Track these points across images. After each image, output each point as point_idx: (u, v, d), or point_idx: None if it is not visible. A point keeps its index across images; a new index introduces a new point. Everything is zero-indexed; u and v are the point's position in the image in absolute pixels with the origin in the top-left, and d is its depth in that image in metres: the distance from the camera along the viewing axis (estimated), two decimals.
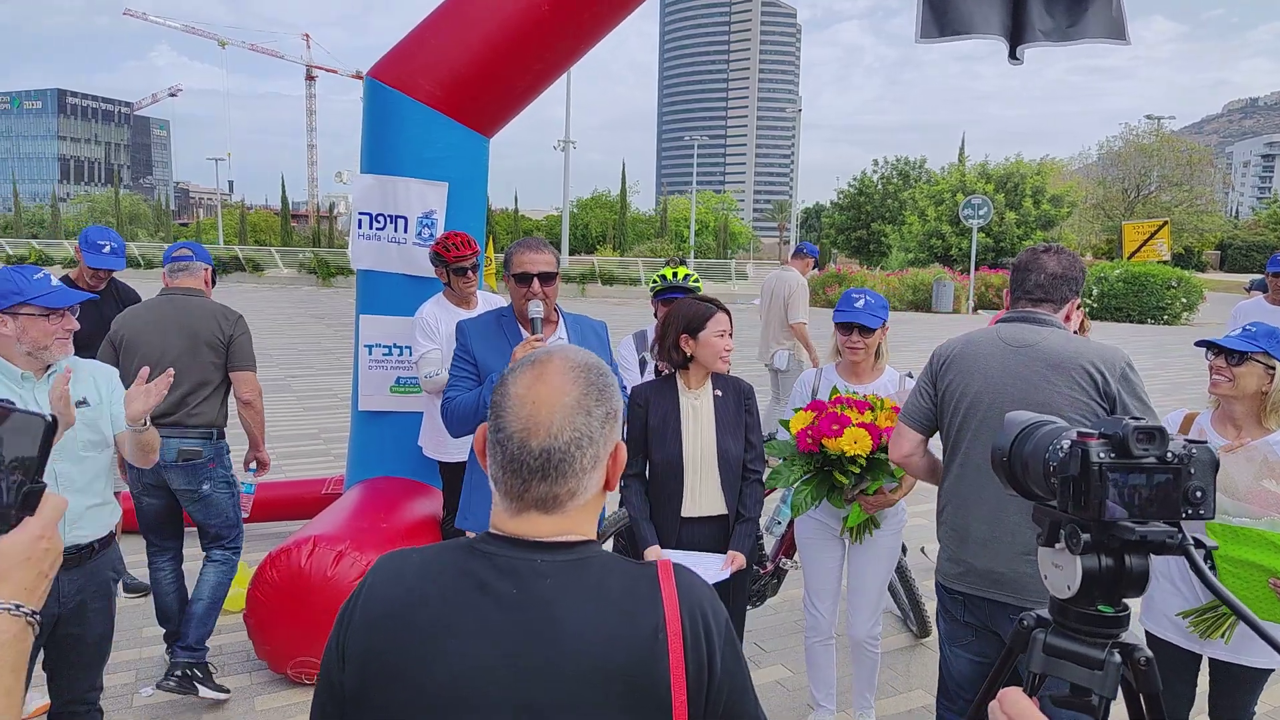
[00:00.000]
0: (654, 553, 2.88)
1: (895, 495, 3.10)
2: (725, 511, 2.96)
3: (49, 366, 2.58)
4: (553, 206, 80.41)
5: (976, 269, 28.19)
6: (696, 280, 3.96)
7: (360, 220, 4.54)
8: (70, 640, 2.67)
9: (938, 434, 2.63)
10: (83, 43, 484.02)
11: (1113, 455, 1.06)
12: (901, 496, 3.14)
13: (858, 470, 2.93)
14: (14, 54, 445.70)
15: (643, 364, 4.01)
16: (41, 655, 2.69)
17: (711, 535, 2.97)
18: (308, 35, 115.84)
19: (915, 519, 6.32)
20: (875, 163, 53.79)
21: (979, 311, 26.62)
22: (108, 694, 3.32)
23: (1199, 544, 1.07)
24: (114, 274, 4.52)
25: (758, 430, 3.05)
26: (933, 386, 2.57)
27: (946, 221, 40.27)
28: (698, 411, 2.98)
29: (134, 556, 4.83)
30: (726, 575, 2.82)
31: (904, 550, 4.00)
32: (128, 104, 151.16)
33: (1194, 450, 1.07)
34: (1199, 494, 1.06)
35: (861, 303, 3.24)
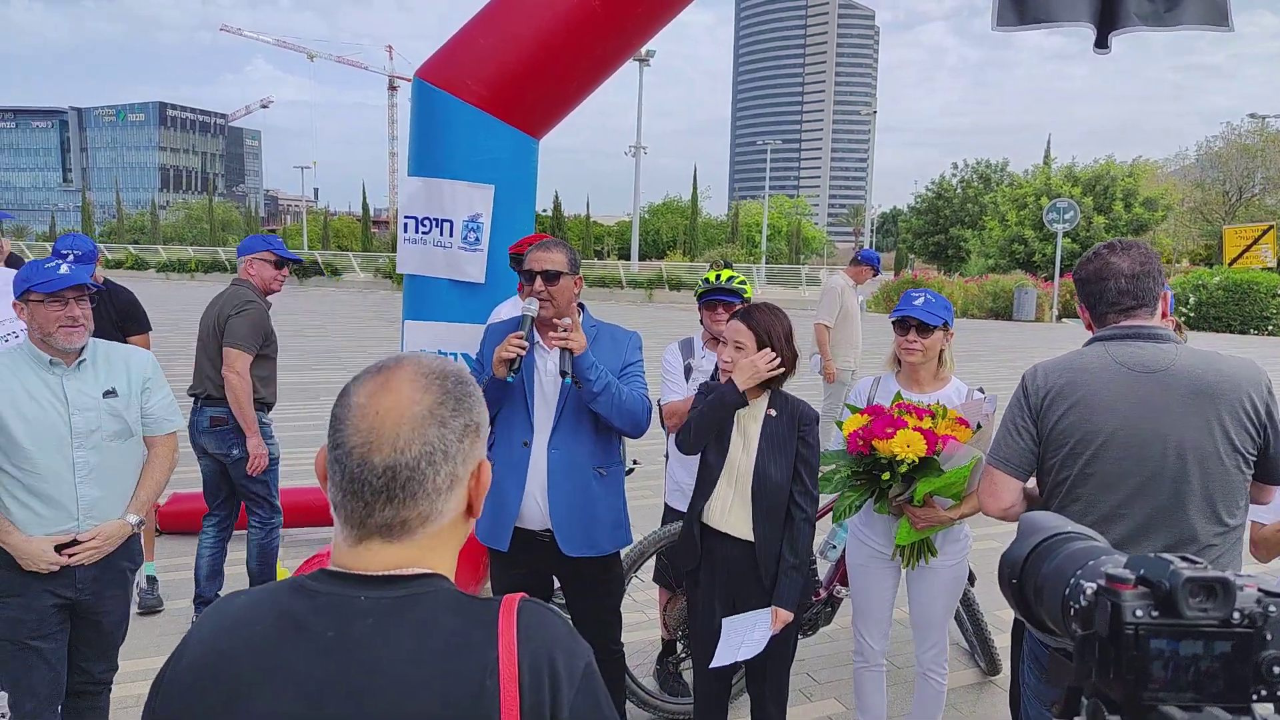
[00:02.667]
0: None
1: (951, 514, 2.83)
2: (751, 539, 2.75)
3: (81, 355, 2.61)
4: (624, 212, 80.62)
5: (1061, 275, 27.08)
6: (743, 282, 3.73)
7: (406, 224, 4.46)
8: (88, 624, 2.72)
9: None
10: (185, 58, 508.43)
11: (1156, 614, 0.77)
12: (960, 517, 2.86)
13: (905, 470, 2.68)
14: (123, 70, 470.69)
15: (688, 371, 3.80)
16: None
17: (736, 559, 2.78)
18: (390, 47, 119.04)
19: (983, 541, 5.95)
20: (954, 166, 52.41)
21: (1063, 320, 25.54)
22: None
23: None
24: (104, 278, 4.51)
25: (812, 464, 2.78)
26: (1034, 424, 2.19)
27: (1029, 226, 38.85)
28: (745, 428, 2.80)
29: (169, 560, 4.85)
30: (767, 640, 2.64)
31: (971, 580, 3.70)
32: (223, 115, 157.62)
33: (1273, 608, 0.76)
34: (1278, 669, 0.76)
35: (920, 300, 2.98)
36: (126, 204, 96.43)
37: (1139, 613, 0.76)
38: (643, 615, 4.61)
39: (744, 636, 2.70)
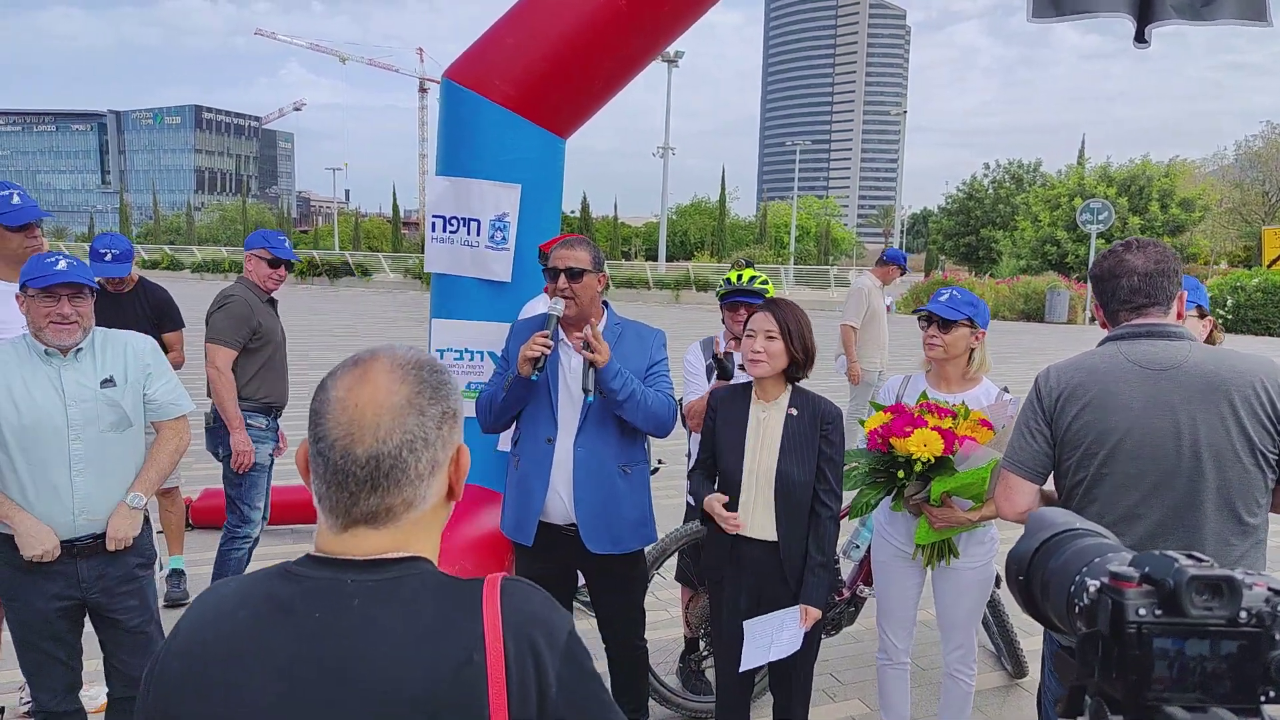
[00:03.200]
0: (714, 501, 2.78)
1: (970, 515, 2.80)
2: (776, 539, 2.75)
3: (79, 347, 2.62)
4: (652, 213, 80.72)
5: None
6: (765, 282, 3.72)
7: (434, 223, 4.50)
8: (107, 624, 2.73)
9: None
10: (221, 62, 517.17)
11: (1159, 613, 0.75)
12: (980, 520, 2.84)
13: (920, 470, 2.67)
14: (159, 73, 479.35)
15: (709, 371, 3.81)
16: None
17: (761, 560, 2.78)
18: (421, 49, 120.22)
19: (1010, 543, 5.88)
20: (986, 166, 51.88)
21: (1095, 322, 25.16)
22: None
23: None
24: (139, 276, 4.60)
25: (835, 462, 2.77)
26: (1048, 426, 2.17)
27: (1062, 227, 38.32)
28: (764, 426, 2.79)
29: (199, 554, 4.93)
30: (800, 638, 2.65)
31: (998, 582, 3.66)
32: (257, 118, 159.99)
33: None
34: None
35: (946, 296, 2.96)
36: (163, 205, 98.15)
37: (1142, 611, 0.75)
38: (665, 613, 4.62)
39: (773, 637, 2.70)
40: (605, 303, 3.17)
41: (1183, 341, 2.09)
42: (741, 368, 3.41)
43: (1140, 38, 4.85)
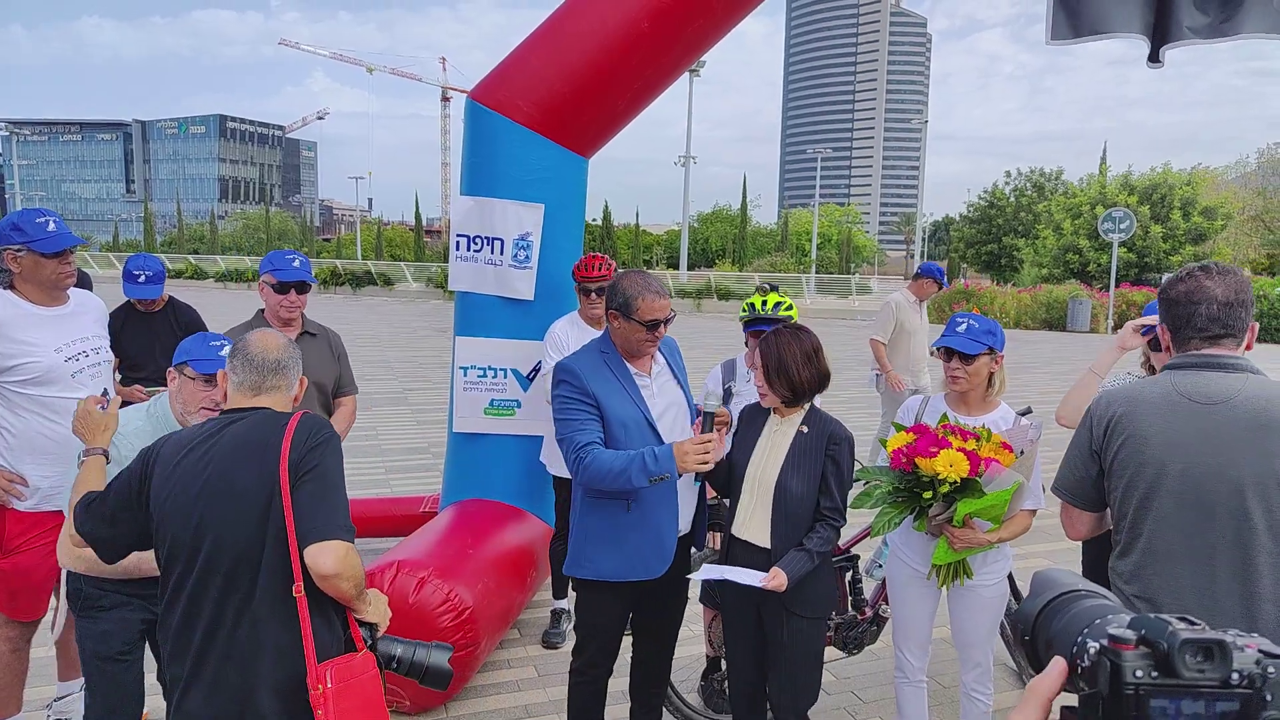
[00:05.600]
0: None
1: (989, 537, 2.83)
2: (768, 546, 2.82)
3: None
4: (673, 221, 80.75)
5: (1117, 286, 26.44)
6: (789, 309, 3.71)
7: (458, 242, 4.57)
8: None
9: (1049, 477, 2.34)
10: (247, 71, 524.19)
11: (1155, 674, 0.78)
12: (998, 541, 2.86)
13: (946, 490, 2.69)
14: (186, 84, 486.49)
15: (727, 395, 3.82)
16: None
17: (752, 564, 2.84)
18: (444, 59, 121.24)
19: (1027, 559, 5.86)
20: (1008, 174, 51.62)
21: (1118, 332, 24.91)
22: None
23: None
24: (169, 296, 4.57)
25: (841, 478, 2.82)
26: (1098, 455, 2.14)
27: (1084, 236, 37.97)
28: (774, 440, 2.87)
29: None
30: (757, 584, 2.68)
31: (1016, 598, 3.66)
32: (280, 127, 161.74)
33: (1272, 669, 0.77)
34: None
35: (964, 327, 2.97)
36: (186, 214, 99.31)
37: (1139, 673, 0.77)
38: (688, 631, 4.63)
39: (734, 575, 2.74)
40: None
41: (1239, 374, 2.01)
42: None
43: (1154, 58, 4.87)
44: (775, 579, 2.68)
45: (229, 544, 2.01)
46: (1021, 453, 2.77)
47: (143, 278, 4.45)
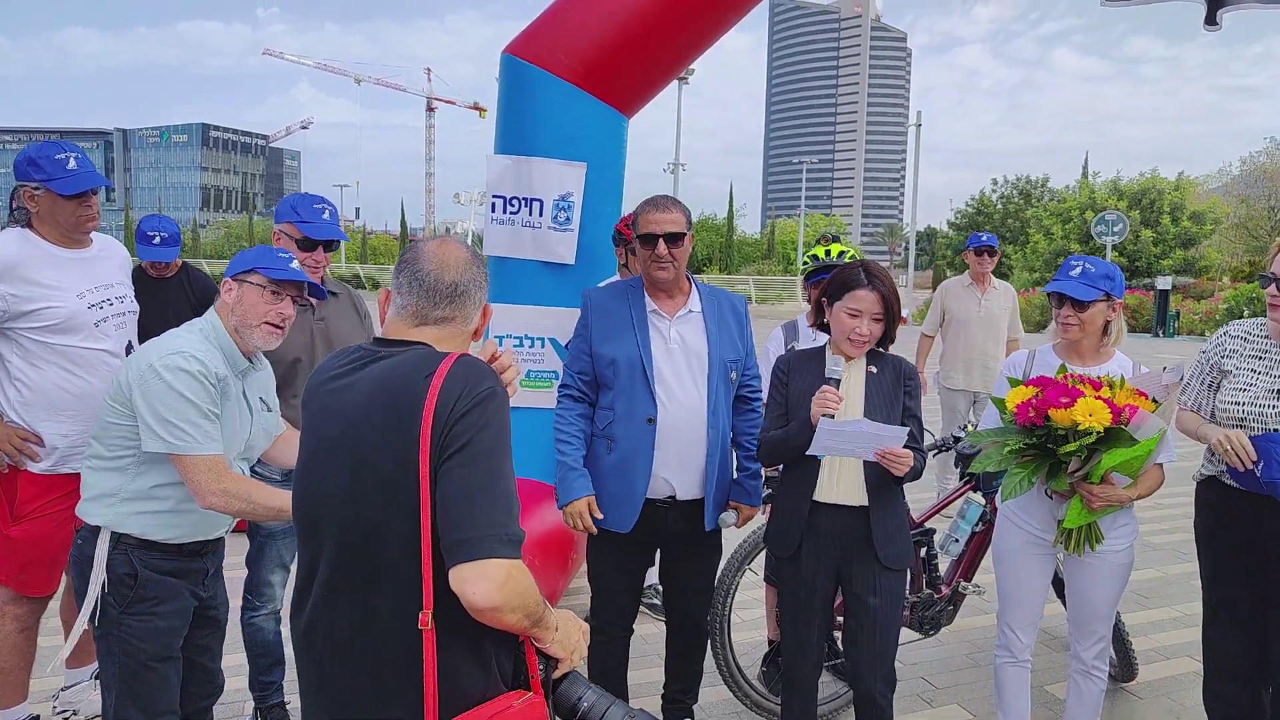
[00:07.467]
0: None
1: (1130, 492, 2.59)
2: (865, 504, 2.61)
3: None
4: None
5: None
6: (854, 257, 3.50)
7: (494, 204, 4.30)
8: (207, 623, 2.46)
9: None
10: (233, 82, 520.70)
11: None
12: (1138, 497, 2.61)
13: (1091, 441, 2.41)
14: (172, 94, 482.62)
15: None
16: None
17: (846, 530, 2.63)
18: (429, 69, 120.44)
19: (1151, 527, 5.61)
20: (994, 182, 51.82)
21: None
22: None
23: None
24: (183, 262, 4.32)
25: (917, 416, 2.68)
26: None
27: (1075, 240, 38.13)
28: (845, 386, 2.63)
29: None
30: (883, 445, 2.46)
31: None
32: (264, 136, 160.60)
33: None
34: None
35: (1078, 270, 2.73)
36: None
37: None
38: (755, 611, 4.37)
39: (854, 445, 2.49)
40: (689, 276, 2.98)
41: None
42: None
43: (1211, 20, 4.75)
44: (899, 453, 2.47)
45: (344, 530, 1.50)
46: (1157, 401, 2.52)
47: (158, 239, 4.16)
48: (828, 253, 3.65)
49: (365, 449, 1.49)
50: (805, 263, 3.67)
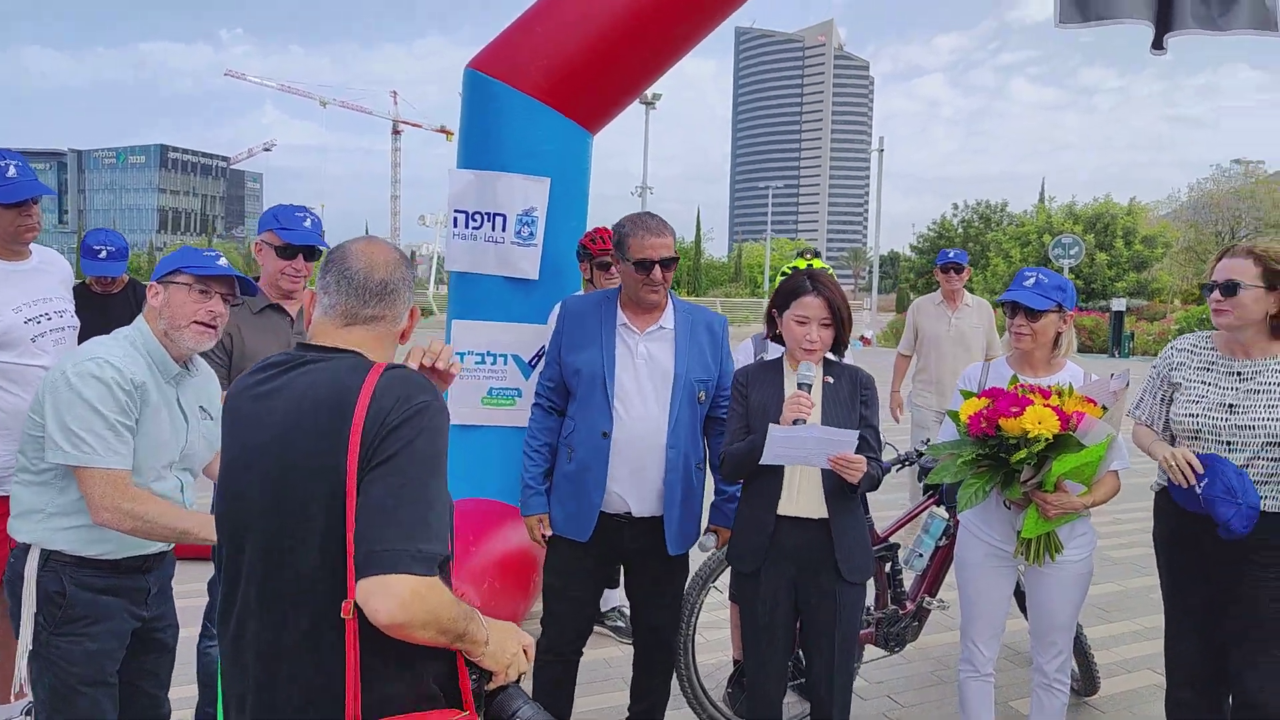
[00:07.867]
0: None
1: (1085, 500, 2.60)
2: (826, 516, 2.59)
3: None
4: None
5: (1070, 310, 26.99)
6: (833, 274, 3.50)
7: (456, 219, 4.26)
8: (153, 647, 2.36)
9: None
10: (195, 103, 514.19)
11: None
12: (1093, 504, 2.62)
13: (1040, 449, 2.44)
14: (132, 115, 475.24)
15: None
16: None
17: (807, 543, 2.60)
18: (395, 92, 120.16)
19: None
20: (955, 206, 52.82)
21: (1076, 355, 25.42)
22: None
23: None
24: (129, 278, 4.24)
25: (873, 427, 2.68)
26: None
27: (1034, 262, 39.00)
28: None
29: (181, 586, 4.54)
30: (836, 451, 2.43)
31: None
32: (225, 158, 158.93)
33: None
34: None
35: (1031, 281, 2.77)
36: None
37: None
38: (719, 633, 4.32)
39: (807, 451, 2.45)
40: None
41: None
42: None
43: (1158, 44, 4.87)
44: (854, 459, 2.44)
45: (268, 537, 1.47)
46: (1105, 408, 2.55)
47: (104, 253, 4.05)
48: (809, 265, 3.63)
49: (293, 455, 1.47)
50: (785, 273, 3.64)
